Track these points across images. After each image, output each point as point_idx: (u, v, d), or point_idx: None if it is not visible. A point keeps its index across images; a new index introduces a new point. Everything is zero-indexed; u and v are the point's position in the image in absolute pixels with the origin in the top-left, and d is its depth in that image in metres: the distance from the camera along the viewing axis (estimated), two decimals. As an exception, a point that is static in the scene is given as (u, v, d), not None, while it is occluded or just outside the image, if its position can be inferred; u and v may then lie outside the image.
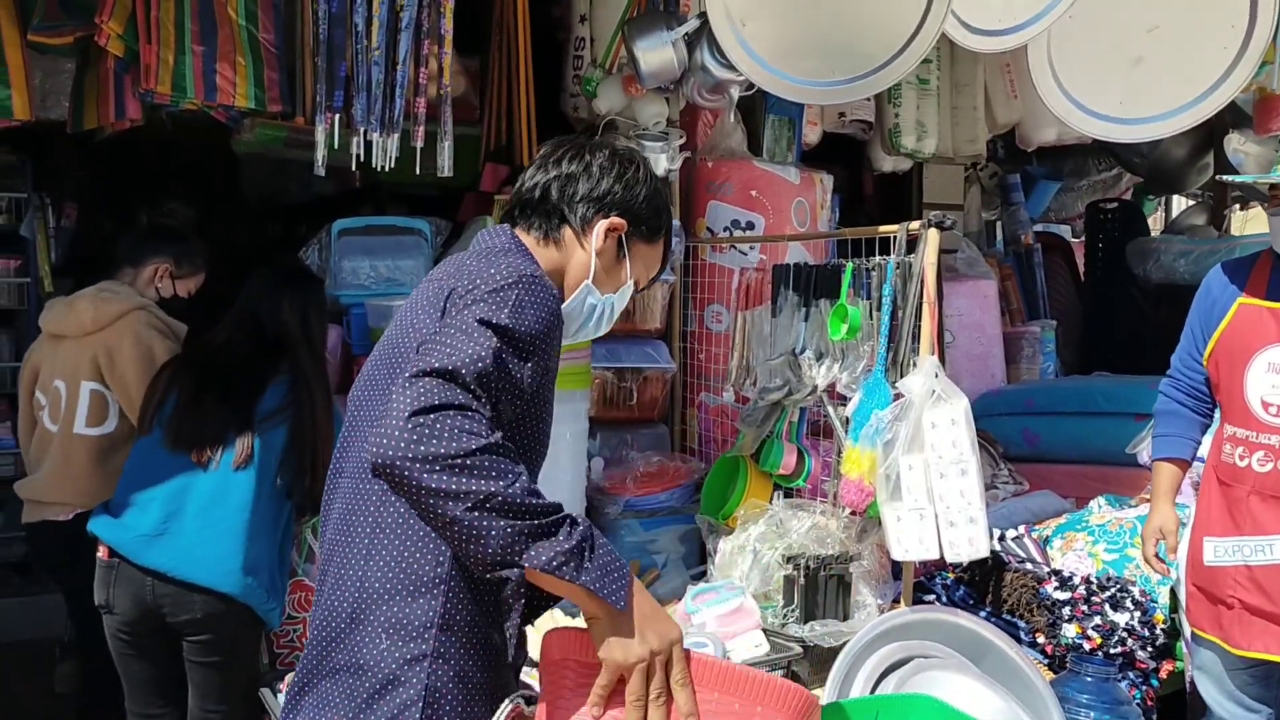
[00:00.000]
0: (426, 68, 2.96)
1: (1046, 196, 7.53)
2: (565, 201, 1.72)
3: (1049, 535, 3.77)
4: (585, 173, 1.73)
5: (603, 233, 1.72)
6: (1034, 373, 5.14)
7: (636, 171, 1.77)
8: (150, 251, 3.31)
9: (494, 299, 1.53)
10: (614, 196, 1.73)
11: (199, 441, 2.61)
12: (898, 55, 3.43)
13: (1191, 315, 2.87)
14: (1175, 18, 3.86)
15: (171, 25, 3.23)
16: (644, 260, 1.80)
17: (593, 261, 1.72)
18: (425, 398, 1.41)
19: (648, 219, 1.77)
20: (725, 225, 4.02)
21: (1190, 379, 2.87)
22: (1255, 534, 2.65)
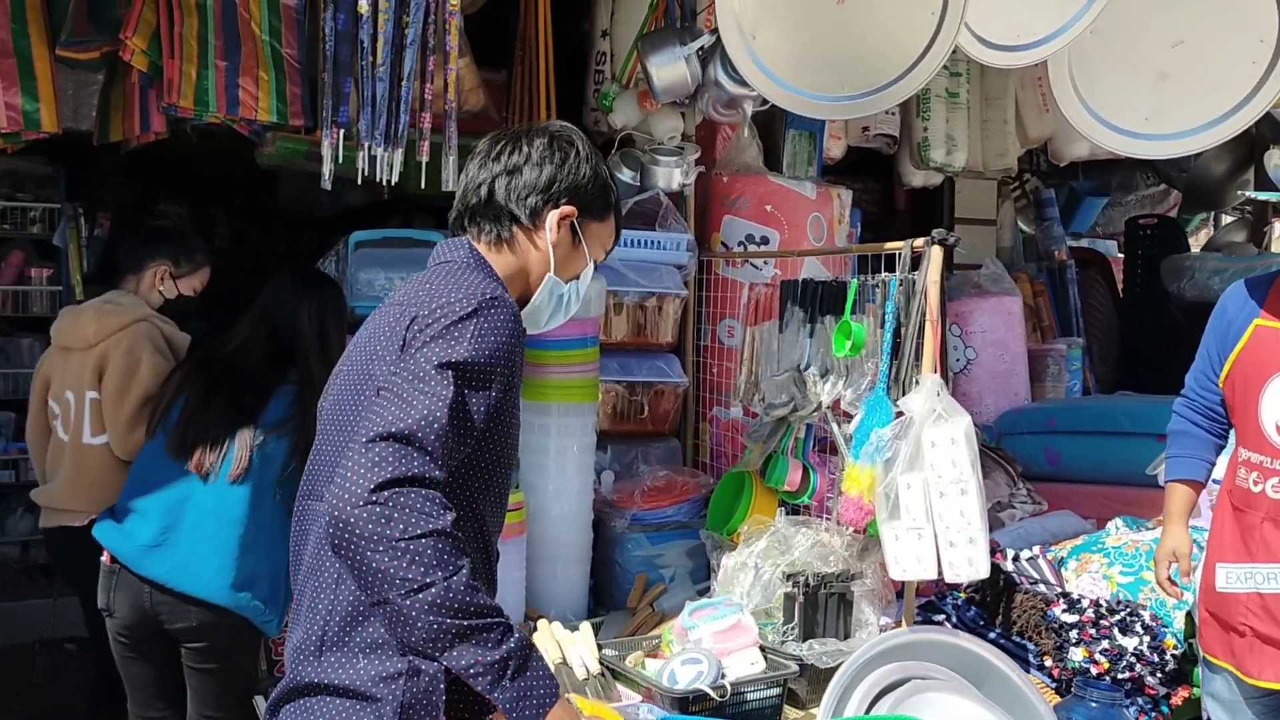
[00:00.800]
0: (432, 84, 3.00)
1: (1093, 212, 7.43)
2: (512, 199, 1.74)
3: (1064, 556, 3.71)
4: (527, 163, 1.74)
5: (555, 223, 1.74)
6: (1059, 391, 5.07)
7: (577, 154, 1.77)
8: (147, 256, 3.35)
9: (452, 334, 1.55)
10: (559, 184, 1.74)
11: (200, 451, 2.63)
12: (910, 70, 3.41)
13: (1207, 334, 2.82)
14: (1200, 33, 3.80)
15: (195, 41, 3.30)
16: (598, 238, 1.83)
17: (550, 254, 1.75)
18: (381, 469, 1.44)
19: (595, 198, 1.79)
20: (740, 240, 4.02)
21: (1205, 399, 2.82)
22: (1268, 561, 2.60)
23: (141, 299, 3.29)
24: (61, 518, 3.15)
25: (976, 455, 2.84)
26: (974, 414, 4.66)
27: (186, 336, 3.24)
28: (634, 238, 3.79)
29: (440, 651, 1.45)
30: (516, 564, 3.29)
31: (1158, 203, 7.33)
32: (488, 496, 1.69)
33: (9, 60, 3.21)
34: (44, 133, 3.37)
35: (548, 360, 3.48)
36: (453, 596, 1.42)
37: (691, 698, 2.62)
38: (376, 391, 1.56)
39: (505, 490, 1.75)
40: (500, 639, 1.46)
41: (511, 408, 1.68)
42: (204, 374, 2.79)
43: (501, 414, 1.64)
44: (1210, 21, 3.78)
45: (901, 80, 3.38)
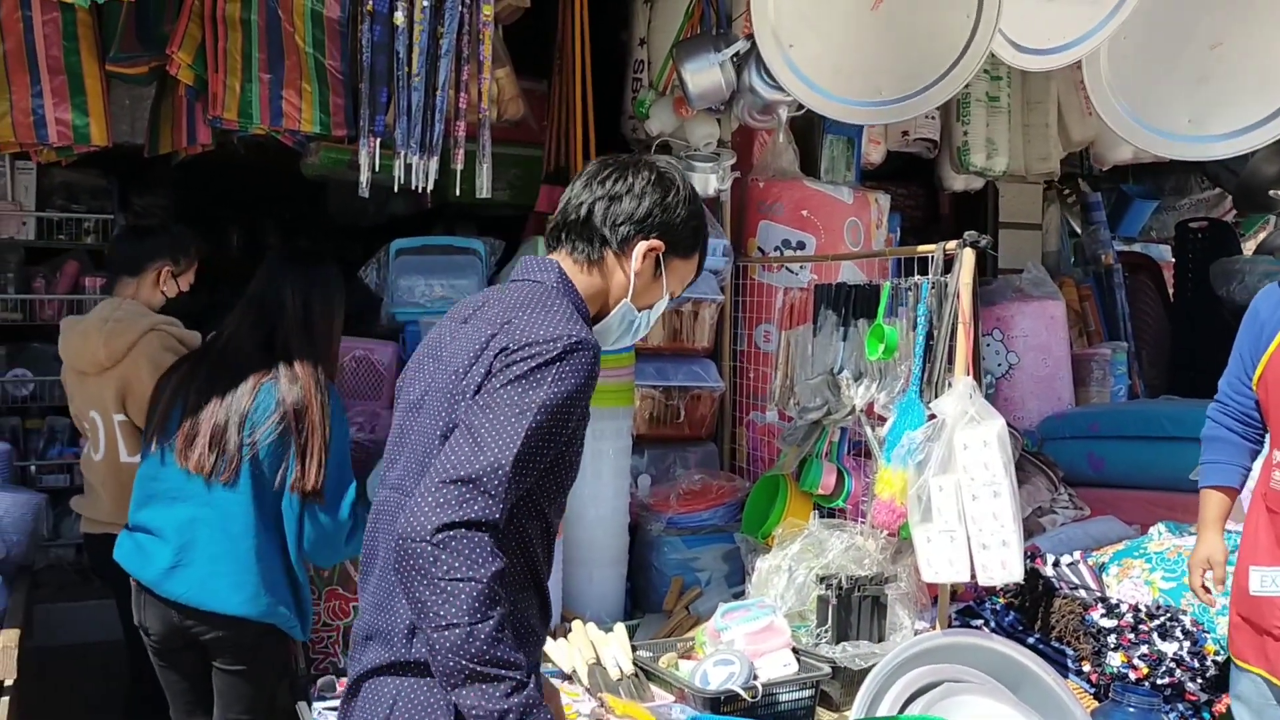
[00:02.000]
0: (467, 93, 3.05)
1: (1143, 215, 7.33)
2: (607, 224, 1.81)
3: (1105, 562, 3.68)
4: (629, 193, 1.82)
5: (642, 254, 1.82)
6: (1104, 395, 5.01)
7: (677, 193, 1.84)
8: (145, 257, 3.26)
9: (536, 377, 1.64)
10: (654, 219, 1.82)
11: (198, 455, 2.60)
12: (946, 74, 3.42)
13: (1240, 338, 2.78)
14: (1238, 35, 3.76)
15: (239, 55, 3.37)
16: (679, 275, 1.90)
17: (631, 282, 1.82)
18: (444, 511, 1.55)
19: (685, 238, 1.87)
20: (776, 245, 4.03)
21: (1239, 404, 2.78)
22: None
23: (142, 303, 3.21)
24: (103, 527, 3.20)
25: (1010, 458, 2.82)
26: (1016, 419, 4.68)
27: (196, 335, 3.20)
28: (670, 243, 3.80)
29: (450, 688, 1.55)
30: (553, 566, 3.33)
31: (1213, 206, 7.21)
32: (540, 522, 1.78)
33: (60, 77, 3.31)
34: (94, 146, 3.47)
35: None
36: (473, 642, 1.52)
37: (723, 698, 2.64)
38: (457, 426, 1.68)
39: (558, 517, 1.85)
40: (509, 693, 1.54)
41: (578, 441, 1.78)
42: (200, 371, 2.72)
43: (568, 448, 1.74)
44: (1248, 23, 3.75)
45: (938, 84, 3.39)
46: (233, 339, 2.73)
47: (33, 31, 3.29)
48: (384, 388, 3.89)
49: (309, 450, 2.62)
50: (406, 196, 4.21)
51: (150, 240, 3.30)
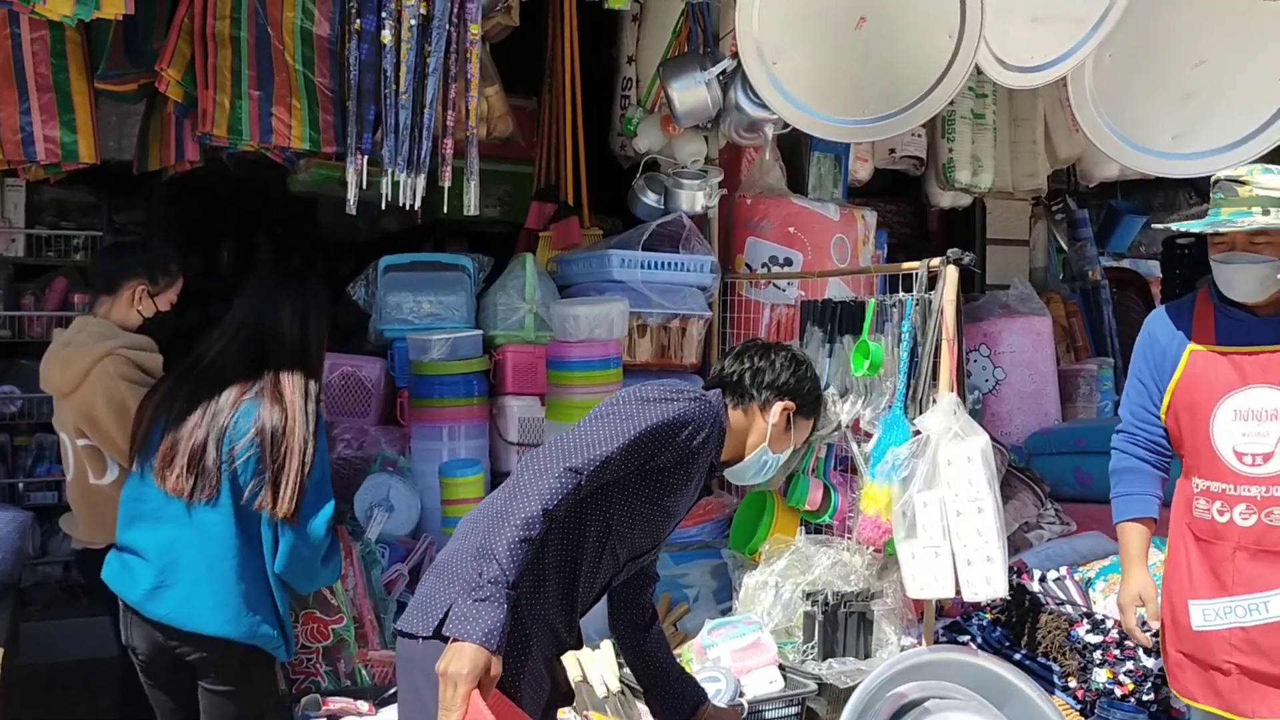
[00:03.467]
0: (455, 110, 3.07)
1: (1133, 231, 7.37)
2: (754, 386, 2.33)
3: (1091, 577, 3.69)
4: (770, 367, 2.34)
5: (779, 412, 2.32)
6: (1091, 411, 5.03)
7: (806, 370, 2.38)
8: (121, 276, 3.15)
9: (669, 400, 2.14)
10: (788, 386, 2.34)
11: (177, 476, 2.57)
12: (929, 92, 3.46)
13: (1137, 364, 2.73)
14: (1222, 52, 3.80)
15: (228, 72, 3.38)
16: (801, 430, 2.40)
17: (769, 431, 2.32)
18: (522, 529, 1.91)
19: (810, 403, 2.39)
20: (763, 261, 4.06)
21: (1147, 433, 2.72)
22: (1247, 592, 2.51)
23: (116, 322, 3.13)
24: (86, 542, 3.19)
25: (994, 474, 2.84)
26: (1003, 434, 4.69)
27: (158, 359, 3.11)
28: (658, 259, 3.83)
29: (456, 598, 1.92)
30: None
31: (1203, 221, 7.25)
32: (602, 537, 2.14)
33: (48, 95, 3.32)
34: (82, 163, 3.48)
35: (572, 381, 3.53)
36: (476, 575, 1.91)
37: (708, 715, 2.63)
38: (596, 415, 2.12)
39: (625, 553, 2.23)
40: (489, 595, 1.87)
41: (668, 496, 2.19)
42: (182, 390, 2.66)
43: (654, 487, 2.16)
44: (1231, 41, 3.79)
45: (921, 102, 3.42)
46: (219, 358, 2.69)
47: (21, 49, 3.31)
48: (371, 404, 3.90)
49: (283, 477, 2.58)
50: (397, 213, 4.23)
51: (127, 258, 3.22)
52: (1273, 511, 2.50)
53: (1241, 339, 2.55)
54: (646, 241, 3.85)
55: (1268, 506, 2.50)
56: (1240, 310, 2.57)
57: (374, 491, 3.48)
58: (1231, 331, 2.57)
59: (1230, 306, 2.58)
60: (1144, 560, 2.75)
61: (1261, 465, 2.51)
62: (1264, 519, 2.51)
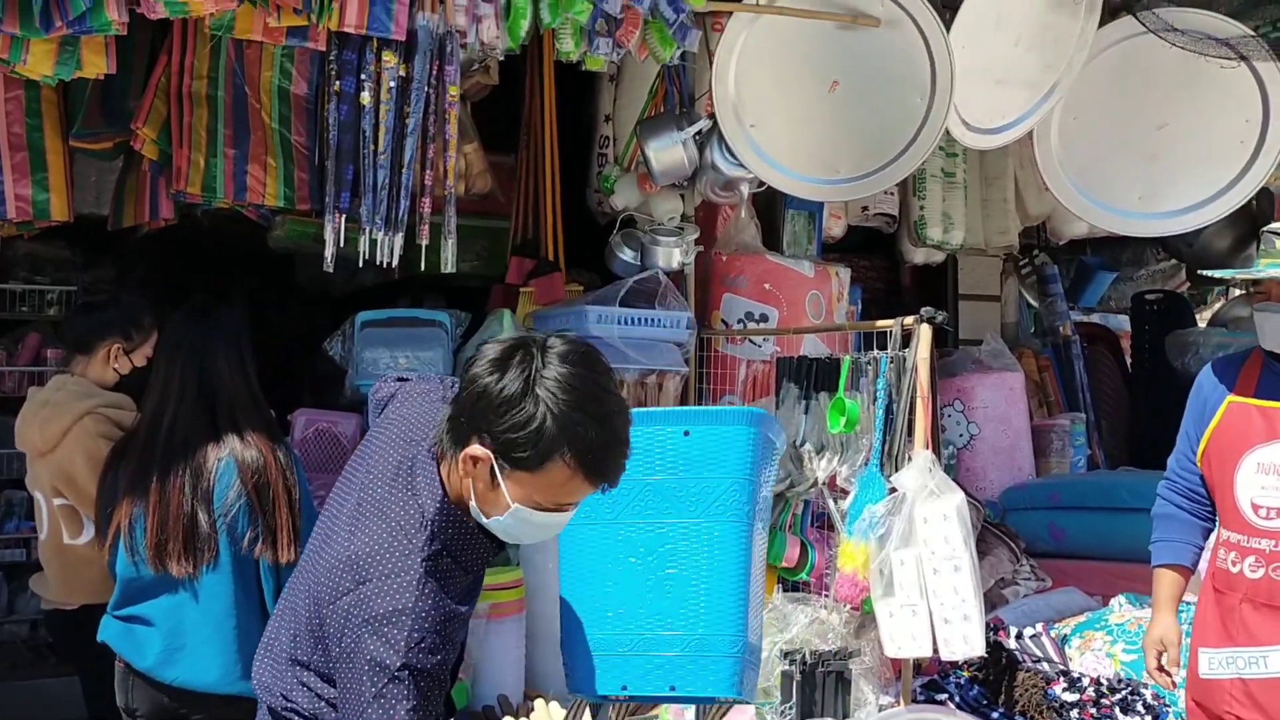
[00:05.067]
0: (433, 169, 3.09)
1: (1102, 286, 7.48)
2: (451, 430, 1.77)
3: (1067, 634, 3.69)
4: (471, 398, 1.72)
5: (463, 463, 1.72)
6: (1064, 466, 5.07)
7: (517, 404, 1.66)
8: (95, 335, 3.13)
9: (380, 701, 1.68)
10: (480, 426, 1.70)
11: (174, 561, 2.58)
12: (902, 153, 3.52)
13: (1186, 415, 2.80)
14: (1182, 115, 3.90)
15: (204, 130, 3.41)
16: (532, 486, 1.70)
17: (470, 487, 1.74)
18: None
19: (525, 451, 1.66)
20: (739, 317, 4.09)
21: (1187, 480, 2.78)
22: (1249, 645, 2.55)
23: (93, 380, 3.10)
24: (58, 603, 3.15)
25: (969, 531, 2.85)
26: (978, 489, 4.71)
27: (138, 416, 3.03)
28: (634, 315, 3.85)
29: None
30: (515, 642, 3.29)
31: (1169, 278, 7.36)
32: None
33: (21, 153, 3.32)
34: (54, 221, 3.48)
35: (548, 438, 3.51)
36: None
37: (686, 777, 2.61)
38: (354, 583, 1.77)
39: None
40: None
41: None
42: (151, 465, 2.64)
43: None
44: (1193, 104, 3.89)
45: (895, 162, 3.48)
46: (177, 422, 2.66)
47: (-6, 109, 3.31)
48: (346, 460, 3.85)
49: (278, 523, 2.61)
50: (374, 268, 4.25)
51: (99, 316, 3.19)
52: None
53: (1278, 393, 2.59)
54: (623, 298, 3.87)
55: (1276, 561, 2.54)
56: None
57: (347, 549, 3.44)
58: (1271, 386, 2.61)
59: (1277, 362, 2.63)
60: (1172, 605, 2.79)
61: (1274, 519, 2.55)
62: (1271, 573, 2.54)
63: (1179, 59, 3.84)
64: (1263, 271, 2.55)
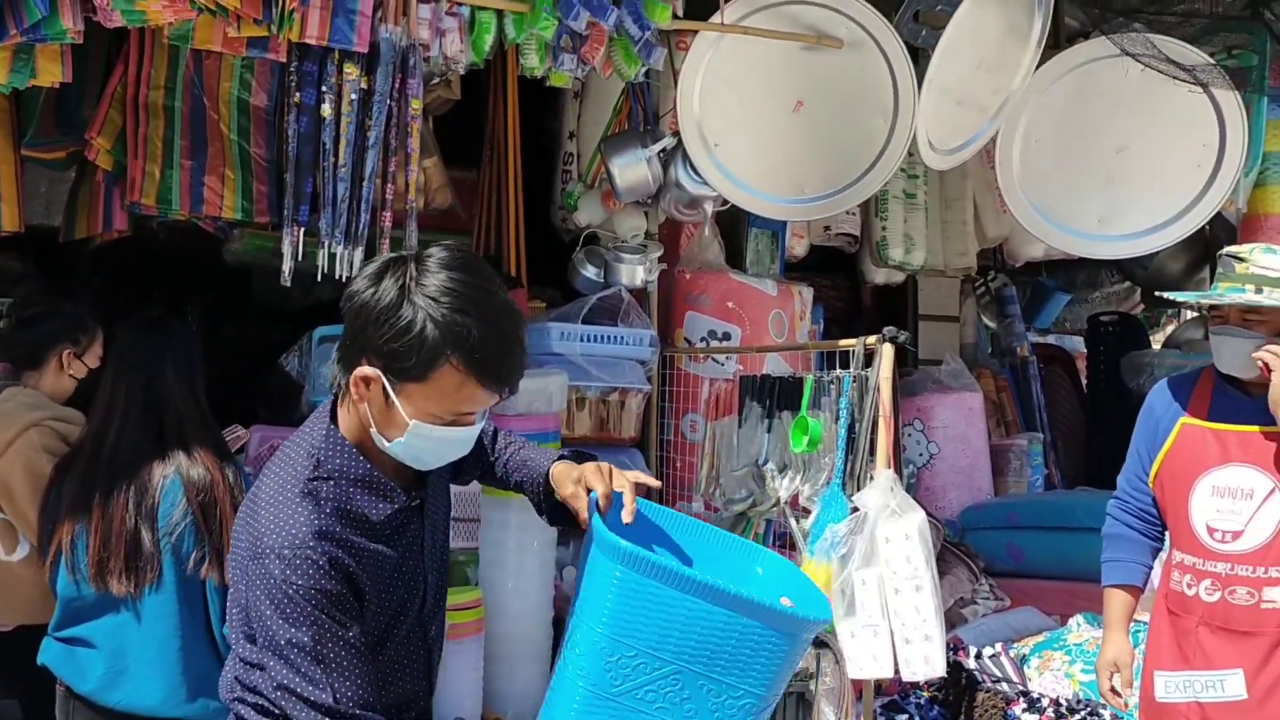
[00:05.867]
0: (394, 183, 3.06)
1: (1058, 307, 7.57)
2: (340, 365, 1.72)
3: (1026, 654, 3.70)
4: (351, 328, 1.66)
5: (355, 386, 1.66)
6: (1021, 485, 5.10)
7: (391, 312, 1.61)
8: (43, 346, 3.02)
9: (280, 619, 1.64)
10: (363, 346, 1.64)
11: (115, 580, 2.52)
12: (865, 174, 3.55)
13: (1136, 434, 2.80)
14: (1141, 139, 3.95)
15: (160, 141, 3.36)
16: (426, 397, 1.63)
17: (368, 414, 1.68)
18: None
19: (406, 358, 1.60)
20: (702, 335, 4.08)
21: (1138, 500, 2.79)
22: (1205, 668, 2.55)
23: (47, 393, 2.99)
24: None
25: (931, 551, 2.85)
26: (937, 508, 4.73)
27: (78, 428, 2.94)
28: (597, 333, 3.83)
29: None
30: (473, 663, 3.25)
31: (1123, 300, 7.47)
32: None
33: (-30, 164, 3.26)
34: (5, 231, 3.40)
35: (508, 455, 3.49)
36: None
37: (645, 801, 2.57)
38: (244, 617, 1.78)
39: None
40: None
41: (374, 584, 1.75)
42: (96, 482, 2.58)
43: (368, 601, 1.74)
44: (1152, 128, 3.95)
45: (859, 182, 3.51)
46: (121, 440, 2.60)
47: (-56, 120, 3.24)
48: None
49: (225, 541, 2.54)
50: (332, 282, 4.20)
51: (42, 327, 3.06)
52: (1236, 590, 2.54)
53: (1232, 417, 2.60)
54: (586, 315, 3.85)
55: (1232, 584, 2.55)
56: (1235, 389, 2.62)
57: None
58: (1224, 408, 2.62)
59: (1228, 384, 2.64)
60: (1124, 626, 2.79)
61: (1230, 543, 2.56)
62: (1227, 596, 2.55)
63: (1139, 84, 3.91)
64: (1221, 296, 2.56)
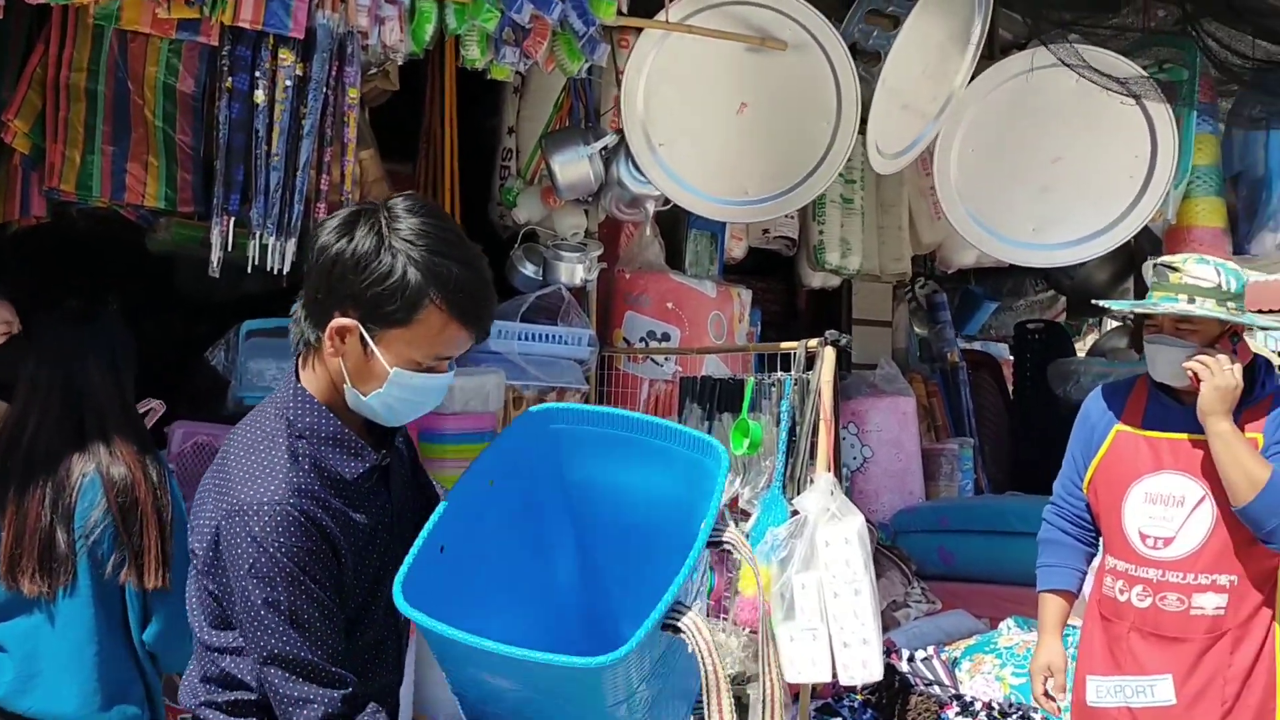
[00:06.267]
0: (329, 174, 2.98)
1: (985, 314, 7.69)
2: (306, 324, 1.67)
3: (957, 657, 3.74)
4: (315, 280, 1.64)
5: (329, 338, 1.62)
6: (952, 490, 5.16)
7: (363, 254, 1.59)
8: None
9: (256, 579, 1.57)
10: (340, 294, 1.61)
11: (27, 578, 2.40)
12: (808, 177, 3.54)
13: (1072, 440, 2.83)
14: (1076, 149, 4.02)
15: (80, 126, 3.24)
16: (407, 342, 1.62)
17: (342, 369, 1.64)
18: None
19: (383, 304, 1.59)
20: (641, 336, 4.05)
21: (1072, 506, 2.81)
22: (1136, 673, 2.59)
23: None
24: None
25: (869, 555, 2.85)
26: (871, 512, 4.75)
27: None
28: (535, 332, 3.78)
29: None
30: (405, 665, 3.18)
31: (1046, 308, 7.62)
32: None
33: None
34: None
35: (445, 454, 3.42)
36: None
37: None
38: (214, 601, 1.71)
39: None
40: None
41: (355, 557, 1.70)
42: (8, 480, 2.46)
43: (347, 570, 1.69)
44: (1086, 139, 4.01)
45: (803, 185, 3.51)
46: (39, 435, 2.48)
47: None
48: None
49: (145, 546, 2.44)
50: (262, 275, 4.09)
51: None
52: (1166, 596, 2.57)
53: (1165, 424, 2.63)
54: (524, 313, 3.79)
55: (1162, 591, 2.58)
56: (1169, 397, 2.65)
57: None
58: (1157, 416, 2.65)
59: (1162, 392, 2.67)
60: (1057, 630, 2.80)
61: (1162, 549, 2.59)
62: (1158, 602, 2.58)
63: (1074, 94, 3.96)
64: (1155, 305, 2.59)
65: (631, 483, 1.86)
